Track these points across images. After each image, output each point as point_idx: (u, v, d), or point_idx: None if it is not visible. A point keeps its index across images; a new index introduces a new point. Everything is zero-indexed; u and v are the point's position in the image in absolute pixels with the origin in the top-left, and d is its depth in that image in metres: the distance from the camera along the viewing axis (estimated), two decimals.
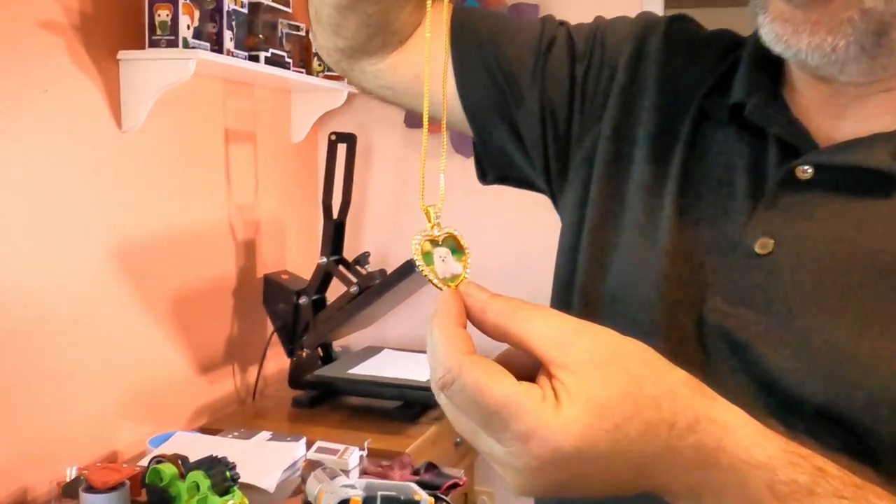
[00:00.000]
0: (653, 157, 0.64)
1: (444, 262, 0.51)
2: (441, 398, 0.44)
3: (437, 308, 0.46)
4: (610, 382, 0.41)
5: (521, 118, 0.71)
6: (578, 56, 0.70)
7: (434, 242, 0.52)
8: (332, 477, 1.44)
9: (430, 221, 0.52)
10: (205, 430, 1.91)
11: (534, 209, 1.67)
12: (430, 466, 1.64)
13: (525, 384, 0.41)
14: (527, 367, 0.43)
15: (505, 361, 0.44)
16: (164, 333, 1.89)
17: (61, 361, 1.60)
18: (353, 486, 1.42)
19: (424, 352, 1.91)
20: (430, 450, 1.87)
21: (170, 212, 1.90)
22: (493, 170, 0.78)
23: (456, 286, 0.49)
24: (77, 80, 1.61)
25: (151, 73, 1.68)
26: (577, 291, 0.66)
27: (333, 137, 2.11)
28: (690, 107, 0.64)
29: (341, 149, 2.13)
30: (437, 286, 0.49)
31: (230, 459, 1.57)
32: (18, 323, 1.51)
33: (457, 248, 0.51)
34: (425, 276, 0.50)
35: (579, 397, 0.40)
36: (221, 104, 2.07)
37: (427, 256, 0.51)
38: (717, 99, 0.63)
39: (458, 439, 2.10)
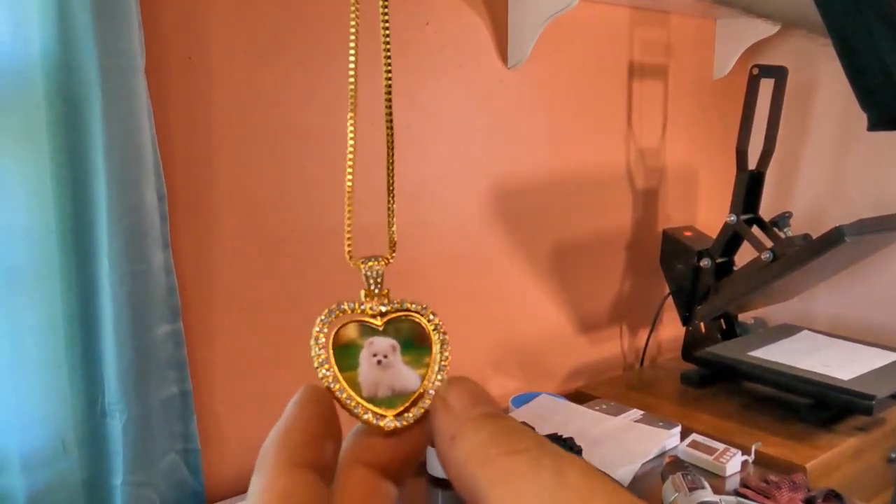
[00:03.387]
0: None
1: (384, 365, 0.26)
2: None
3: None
4: None
5: None
6: None
7: (369, 327, 0.27)
8: (692, 488, 1.18)
9: (367, 287, 0.28)
10: (579, 393, 1.76)
11: None
12: (832, 496, 1.28)
13: None
14: None
15: None
16: (546, 284, 1.77)
17: (442, 304, 1.56)
18: None
19: (855, 340, 1.52)
20: (842, 471, 1.47)
21: (560, 154, 1.75)
22: (873, 106, 0.45)
23: (399, 412, 0.25)
24: (462, 11, 1.52)
25: (538, 0, 1.52)
26: None
27: (756, 71, 1.74)
28: None
29: (767, 85, 1.76)
30: (355, 415, 0.25)
31: (588, 436, 1.41)
32: (406, 261, 1.50)
33: (417, 341, 0.27)
34: (333, 393, 0.26)
35: None
36: (627, 35, 1.83)
37: (347, 351, 0.26)
38: None
39: (894, 454, 1.64)
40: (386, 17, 0.31)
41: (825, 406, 1.57)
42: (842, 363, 1.64)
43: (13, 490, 1.03)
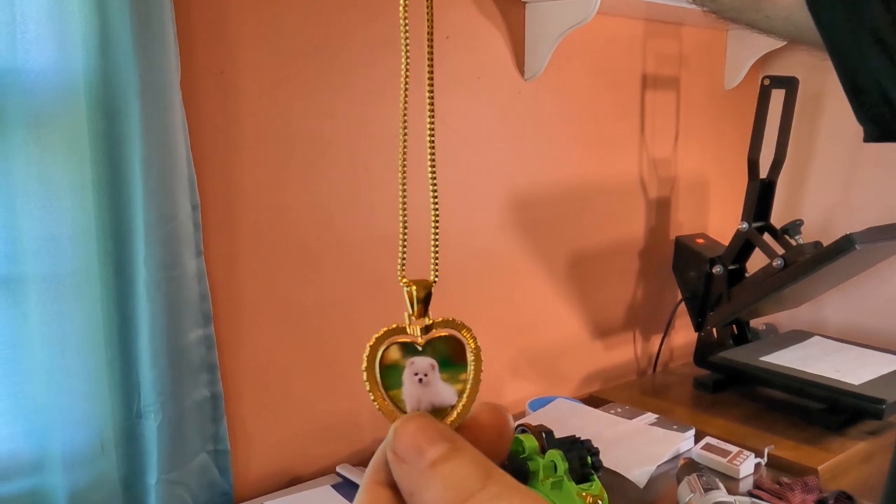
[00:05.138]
0: None
1: (424, 383, 0.29)
2: None
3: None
4: None
5: None
6: None
7: (410, 347, 0.30)
8: (707, 489, 1.22)
9: (411, 307, 0.30)
10: (593, 398, 1.80)
11: None
12: (844, 497, 1.31)
13: None
14: None
15: None
16: (561, 292, 1.81)
17: (460, 311, 1.60)
18: None
19: (865, 345, 1.53)
20: (852, 474, 1.50)
21: (575, 164, 1.79)
22: (868, 121, 0.48)
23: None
24: (480, 25, 1.56)
25: (555, 14, 1.57)
26: None
27: (767, 82, 1.78)
28: None
29: (778, 96, 1.79)
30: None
31: (603, 439, 1.44)
32: (425, 270, 1.53)
33: (453, 359, 0.29)
34: (377, 408, 0.29)
35: None
36: (640, 47, 1.87)
37: (392, 371, 0.29)
38: None
39: None
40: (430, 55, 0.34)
41: (836, 410, 1.60)
42: (852, 368, 1.67)
43: (55, 488, 1.07)
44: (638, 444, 1.46)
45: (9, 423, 1.05)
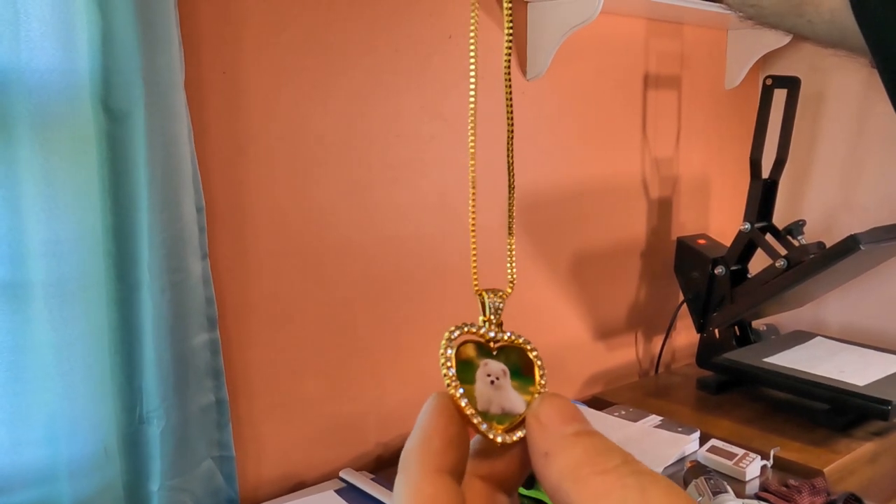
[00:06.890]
0: None
1: (496, 386, 0.29)
2: None
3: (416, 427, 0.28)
4: None
5: None
6: None
7: (485, 349, 0.30)
8: (716, 492, 1.21)
9: (484, 314, 0.31)
10: (597, 399, 1.79)
11: None
12: (852, 499, 1.30)
13: None
14: None
15: None
16: (562, 293, 1.80)
17: (463, 313, 1.59)
18: None
19: (868, 346, 1.52)
20: (858, 475, 1.50)
21: (576, 165, 1.78)
22: None
23: (507, 430, 0.28)
24: (483, 25, 1.55)
25: (558, 14, 1.55)
26: None
27: (769, 82, 1.77)
28: None
29: (779, 95, 1.79)
30: (473, 424, 0.28)
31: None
32: (428, 271, 1.52)
33: (524, 370, 0.30)
34: (456, 401, 0.28)
35: None
36: (642, 46, 1.87)
37: (466, 366, 0.29)
38: None
39: None
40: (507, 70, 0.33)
41: (842, 411, 1.59)
42: (857, 369, 1.66)
43: (60, 498, 1.06)
44: (643, 447, 1.46)
45: (13, 431, 1.03)
